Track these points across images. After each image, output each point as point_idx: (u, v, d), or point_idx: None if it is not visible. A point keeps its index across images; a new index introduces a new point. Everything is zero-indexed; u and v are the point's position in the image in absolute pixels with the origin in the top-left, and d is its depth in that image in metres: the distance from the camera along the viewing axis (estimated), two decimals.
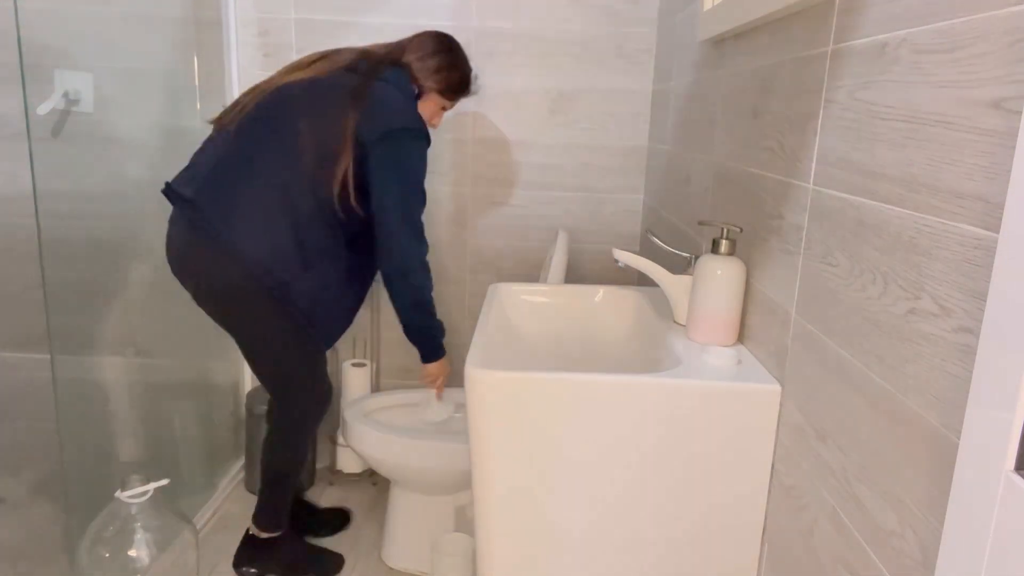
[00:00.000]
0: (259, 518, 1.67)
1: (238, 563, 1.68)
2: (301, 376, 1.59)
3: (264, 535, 1.67)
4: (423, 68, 1.56)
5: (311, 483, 2.09)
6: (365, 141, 1.42)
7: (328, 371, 1.65)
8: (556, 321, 1.42)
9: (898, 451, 0.66)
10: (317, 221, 1.45)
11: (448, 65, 1.59)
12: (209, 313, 1.52)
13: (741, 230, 1.09)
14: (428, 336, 1.63)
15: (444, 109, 1.65)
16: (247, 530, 1.69)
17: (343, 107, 1.43)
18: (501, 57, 1.95)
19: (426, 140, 1.50)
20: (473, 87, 1.67)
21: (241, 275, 1.42)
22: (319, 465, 2.16)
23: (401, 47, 1.57)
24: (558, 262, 1.67)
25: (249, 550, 1.68)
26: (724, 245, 1.07)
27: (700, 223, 1.12)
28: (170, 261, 1.47)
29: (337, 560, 1.72)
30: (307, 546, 1.73)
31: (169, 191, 1.46)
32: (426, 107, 1.59)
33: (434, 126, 1.65)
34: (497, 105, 1.98)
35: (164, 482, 1.36)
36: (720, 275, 1.07)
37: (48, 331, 1.30)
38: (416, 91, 1.56)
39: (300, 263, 1.44)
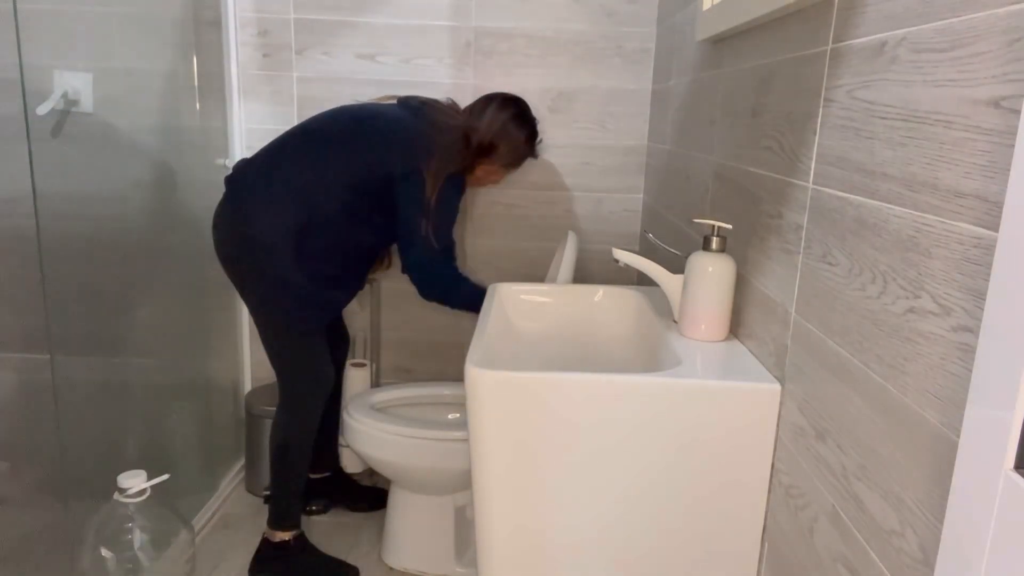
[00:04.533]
0: (270, 518, 1.68)
1: (253, 570, 1.68)
2: (290, 356, 1.62)
3: (277, 537, 1.67)
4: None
5: (334, 461, 2.06)
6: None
7: (327, 358, 1.66)
8: (556, 321, 1.42)
9: (898, 450, 0.66)
10: (326, 227, 1.55)
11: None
12: (229, 277, 1.63)
13: (731, 227, 1.10)
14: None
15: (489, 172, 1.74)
16: (262, 536, 1.70)
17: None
18: (501, 57, 1.95)
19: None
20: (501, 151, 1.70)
21: (237, 236, 1.54)
22: None
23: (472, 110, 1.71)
24: (567, 263, 1.67)
25: (264, 556, 1.68)
26: (715, 242, 1.09)
27: (693, 220, 1.13)
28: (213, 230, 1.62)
29: (352, 572, 1.71)
30: (323, 556, 1.72)
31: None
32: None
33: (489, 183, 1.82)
34: None
35: (165, 477, 1.36)
36: (711, 272, 1.08)
37: (48, 331, 1.30)
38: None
39: (294, 255, 1.53)
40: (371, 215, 1.59)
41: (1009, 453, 0.47)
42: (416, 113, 1.63)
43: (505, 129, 1.67)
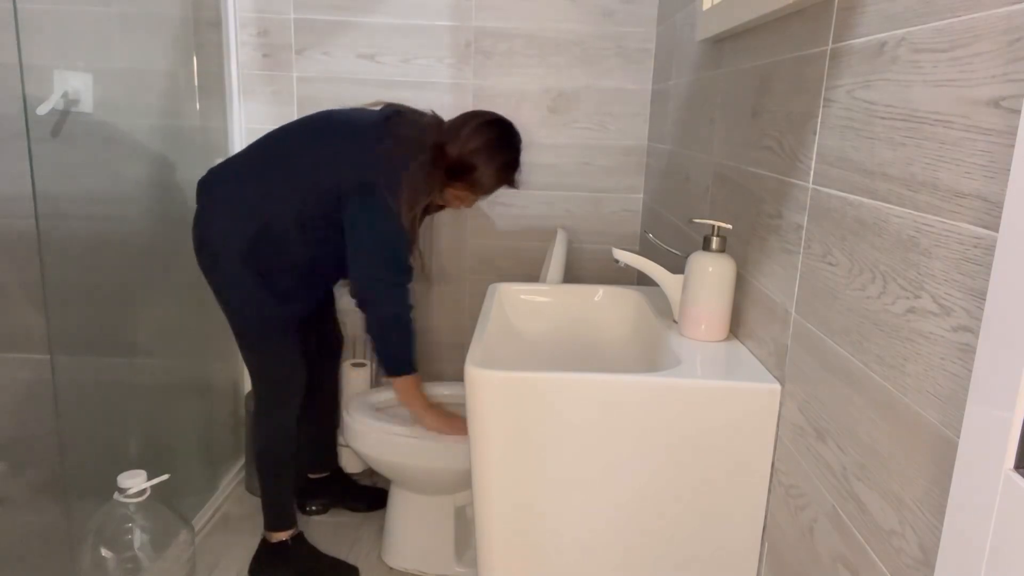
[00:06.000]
0: (266, 520, 1.68)
1: (252, 570, 1.68)
2: (258, 359, 1.61)
3: (275, 537, 1.68)
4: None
5: (332, 461, 2.05)
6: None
7: (295, 361, 1.63)
8: (556, 321, 1.42)
9: (898, 450, 0.66)
10: (280, 238, 1.51)
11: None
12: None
13: (731, 227, 1.10)
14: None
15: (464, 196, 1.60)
16: (261, 536, 1.71)
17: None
18: (501, 57, 1.95)
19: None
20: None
21: (196, 235, 1.54)
22: None
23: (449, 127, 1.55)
24: (557, 260, 1.67)
25: (263, 557, 1.69)
26: (715, 242, 1.09)
27: (692, 221, 1.13)
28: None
29: (351, 571, 1.71)
30: (322, 556, 1.72)
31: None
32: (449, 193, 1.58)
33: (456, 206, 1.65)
34: (496, 105, 1.98)
35: (165, 477, 1.36)
36: (711, 272, 1.08)
37: (48, 331, 1.30)
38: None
39: (245, 264, 1.51)
40: (325, 230, 1.51)
41: (1009, 453, 0.47)
42: (385, 122, 1.53)
43: (481, 152, 1.51)
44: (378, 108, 1.61)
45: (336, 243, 1.52)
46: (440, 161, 1.51)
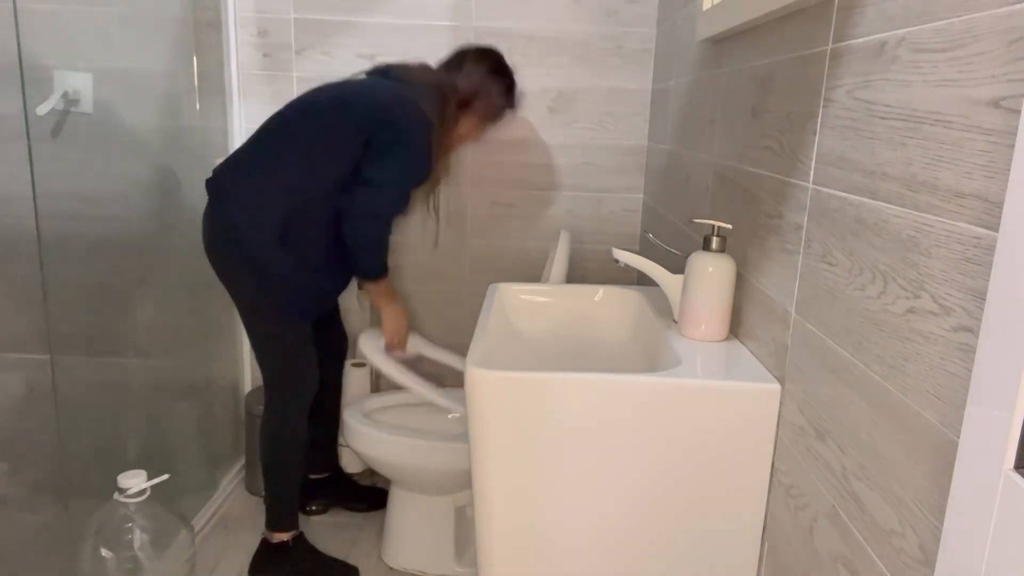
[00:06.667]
0: (268, 520, 1.68)
1: (253, 570, 1.68)
2: (277, 358, 1.60)
3: (276, 538, 1.67)
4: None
5: (333, 461, 2.06)
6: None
7: (311, 356, 1.63)
8: (556, 321, 1.42)
9: (898, 450, 0.66)
10: (314, 212, 1.52)
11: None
12: (220, 279, 1.60)
13: (731, 227, 1.10)
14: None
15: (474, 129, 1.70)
16: (262, 536, 1.70)
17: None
18: None
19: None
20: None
21: (218, 231, 1.52)
22: None
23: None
24: (560, 261, 1.68)
25: (263, 557, 1.68)
26: (715, 242, 1.09)
27: (692, 221, 1.13)
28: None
29: (351, 571, 1.70)
30: (322, 556, 1.72)
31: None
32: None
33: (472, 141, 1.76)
34: None
35: (164, 477, 1.36)
36: (711, 272, 1.08)
37: (48, 331, 1.30)
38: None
39: (280, 247, 1.51)
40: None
41: (1009, 453, 0.47)
42: (387, 75, 1.62)
43: (484, 82, 1.64)
44: (362, 76, 1.67)
45: None
46: (452, 96, 1.62)
